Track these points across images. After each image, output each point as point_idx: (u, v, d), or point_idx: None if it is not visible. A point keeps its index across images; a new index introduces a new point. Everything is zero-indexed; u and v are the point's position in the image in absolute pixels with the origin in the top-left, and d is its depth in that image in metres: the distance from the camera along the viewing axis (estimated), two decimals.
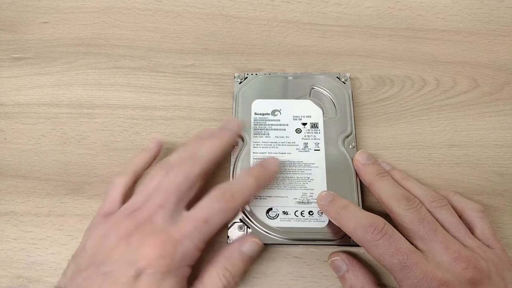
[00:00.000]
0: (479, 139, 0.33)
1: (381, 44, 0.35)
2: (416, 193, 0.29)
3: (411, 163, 0.32)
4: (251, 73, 0.34)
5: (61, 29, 0.37)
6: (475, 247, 0.26)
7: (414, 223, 0.26)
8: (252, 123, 0.32)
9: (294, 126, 0.32)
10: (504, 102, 0.34)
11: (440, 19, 0.36)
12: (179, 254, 0.24)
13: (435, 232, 0.26)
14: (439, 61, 0.35)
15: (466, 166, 0.32)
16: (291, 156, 0.31)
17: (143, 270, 0.23)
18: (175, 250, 0.24)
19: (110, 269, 0.24)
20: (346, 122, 0.32)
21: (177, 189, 0.26)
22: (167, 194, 0.26)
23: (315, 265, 0.30)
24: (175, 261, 0.24)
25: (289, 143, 0.31)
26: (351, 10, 0.37)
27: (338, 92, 0.33)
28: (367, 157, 0.30)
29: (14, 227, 0.31)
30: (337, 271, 0.29)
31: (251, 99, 0.33)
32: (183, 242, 0.24)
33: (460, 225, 0.27)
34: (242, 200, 0.26)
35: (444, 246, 0.25)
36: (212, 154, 0.28)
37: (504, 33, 0.35)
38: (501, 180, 0.32)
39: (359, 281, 0.27)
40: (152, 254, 0.24)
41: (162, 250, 0.24)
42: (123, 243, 0.24)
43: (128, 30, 0.37)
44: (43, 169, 0.33)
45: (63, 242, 0.31)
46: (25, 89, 0.36)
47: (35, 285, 0.30)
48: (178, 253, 0.24)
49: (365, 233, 0.25)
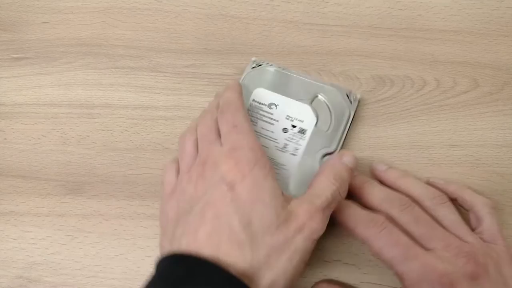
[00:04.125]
0: (479, 139, 0.33)
1: (381, 44, 0.35)
2: (415, 190, 0.29)
3: (411, 163, 0.32)
4: (267, 62, 0.34)
5: (61, 29, 0.37)
6: (476, 243, 0.26)
7: (411, 223, 0.26)
8: (247, 108, 0.32)
9: (283, 125, 0.32)
10: (504, 102, 0.34)
11: (440, 19, 0.36)
12: (256, 156, 0.25)
13: (433, 230, 0.26)
14: (439, 61, 0.35)
15: (466, 166, 0.32)
16: (266, 151, 0.31)
17: (233, 181, 0.24)
18: (252, 154, 0.25)
19: (202, 204, 0.24)
20: (334, 139, 0.31)
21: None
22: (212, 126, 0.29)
23: (315, 265, 0.30)
24: (259, 160, 0.25)
25: (271, 138, 0.32)
26: (351, 10, 0.37)
27: (341, 109, 0.32)
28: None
29: (14, 227, 0.32)
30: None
31: (255, 86, 0.33)
32: (254, 149, 0.26)
33: (460, 222, 0.27)
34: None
35: (445, 243, 0.25)
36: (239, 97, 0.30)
37: (504, 33, 0.35)
38: (501, 180, 0.32)
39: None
40: (227, 168, 0.25)
41: (232, 160, 0.25)
42: (200, 180, 0.26)
43: (128, 30, 0.37)
44: (43, 169, 0.33)
45: (63, 242, 0.31)
46: (25, 89, 0.36)
47: (35, 285, 0.30)
48: (255, 156, 0.25)
49: (366, 227, 0.26)
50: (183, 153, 0.29)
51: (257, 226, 0.23)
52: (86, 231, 0.31)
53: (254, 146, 0.26)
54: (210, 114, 0.30)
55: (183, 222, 0.25)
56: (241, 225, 0.23)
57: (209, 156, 0.26)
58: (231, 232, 0.23)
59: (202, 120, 0.30)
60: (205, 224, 0.24)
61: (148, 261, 0.31)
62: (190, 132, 0.30)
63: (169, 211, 0.27)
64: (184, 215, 0.25)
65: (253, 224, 0.23)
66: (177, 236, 0.25)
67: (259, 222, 0.23)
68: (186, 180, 0.27)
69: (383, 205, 0.27)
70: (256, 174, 0.25)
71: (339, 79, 0.35)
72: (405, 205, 0.27)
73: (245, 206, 0.24)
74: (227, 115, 0.28)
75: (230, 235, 0.23)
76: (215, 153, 0.26)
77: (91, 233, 0.31)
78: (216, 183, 0.25)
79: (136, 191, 0.32)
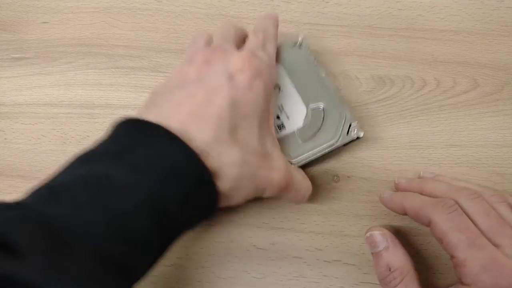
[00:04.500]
0: (479, 139, 0.33)
1: (381, 44, 0.35)
2: (472, 187, 0.28)
3: (411, 163, 0.32)
4: (309, 49, 0.33)
5: (61, 29, 0.37)
6: None
7: (480, 214, 0.25)
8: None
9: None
10: (504, 102, 0.34)
11: (440, 19, 0.36)
12: (270, 74, 0.27)
13: (503, 226, 0.25)
14: (439, 61, 0.35)
15: (466, 166, 0.32)
16: None
17: (234, 73, 0.25)
18: (268, 70, 0.26)
19: (198, 85, 0.24)
20: (301, 153, 0.30)
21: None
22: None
23: (315, 265, 0.30)
24: (263, 66, 0.26)
25: None
26: (351, 10, 0.36)
27: (331, 132, 0.30)
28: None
29: None
30: (374, 246, 0.27)
31: (279, 61, 0.32)
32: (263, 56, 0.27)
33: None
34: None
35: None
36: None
37: (504, 33, 0.35)
38: (501, 180, 0.32)
39: (398, 260, 0.26)
40: (239, 62, 0.25)
41: (247, 59, 0.25)
42: (204, 66, 0.26)
43: (128, 30, 0.37)
44: (43, 169, 0.33)
45: None
46: (25, 89, 0.36)
47: None
48: (269, 73, 0.26)
49: (433, 208, 0.25)
50: (192, 44, 0.29)
51: (240, 135, 0.24)
52: None
53: (272, 68, 0.27)
54: (234, 27, 0.30)
55: (169, 94, 0.25)
56: (227, 124, 0.23)
57: (222, 49, 0.26)
58: (216, 124, 0.23)
59: (223, 26, 0.30)
60: (192, 103, 0.23)
61: None
62: (206, 33, 0.29)
63: (160, 86, 0.27)
64: (174, 88, 0.25)
65: (238, 133, 0.24)
66: (157, 103, 0.25)
67: (243, 134, 0.24)
68: (189, 62, 0.26)
69: (449, 194, 0.26)
70: (263, 87, 0.25)
71: (339, 79, 0.35)
72: (474, 195, 0.26)
73: (239, 111, 0.24)
74: (259, 35, 0.29)
75: (214, 125, 0.23)
76: (229, 49, 0.27)
77: None
78: (220, 73, 0.25)
79: None
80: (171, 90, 0.25)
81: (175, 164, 0.21)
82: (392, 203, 0.29)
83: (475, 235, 0.23)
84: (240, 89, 0.24)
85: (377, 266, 0.27)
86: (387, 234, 0.28)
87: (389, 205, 0.29)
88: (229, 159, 0.23)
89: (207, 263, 0.31)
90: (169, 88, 0.25)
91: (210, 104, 0.23)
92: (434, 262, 0.30)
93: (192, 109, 0.23)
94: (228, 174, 0.23)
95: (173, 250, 0.31)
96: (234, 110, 0.23)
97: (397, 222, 0.31)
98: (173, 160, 0.21)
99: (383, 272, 0.26)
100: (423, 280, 0.28)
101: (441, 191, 0.27)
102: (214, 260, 0.31)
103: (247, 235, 0.31)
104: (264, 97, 0.26)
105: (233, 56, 0.26)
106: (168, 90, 0.25)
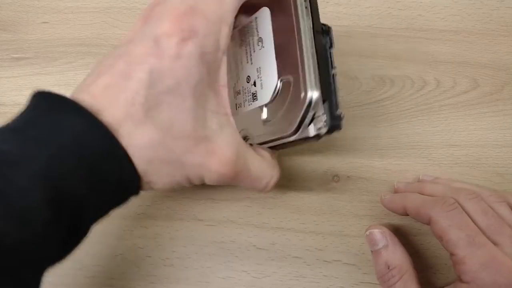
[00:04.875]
0: (479, 139, 0.33)
1: (381, 44, 0.35)
2: (471, 188, 0.28)
3: (411, 163, 0.32)
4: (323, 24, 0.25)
5: (61, 29, 0.37)
6: None
7: (478, 214, 0.25)
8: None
9: (250, 73, 0.26)
10: (504, 102, 0.34)
11: (440, 19, 0.36)
12: (201, 19, 0.21)
13: (502, 225, 0.25)
14: (439, 61, 0.35)
15: (466, 166, 0.32)
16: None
17: (160, 37, 0.20)
18: (196, 15, 0.21)
19: (120, 53, 0.21)
20: (260, 135, 0.25)
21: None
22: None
23: (315, 265, 0.30)
24: (201, 23, 0.21)
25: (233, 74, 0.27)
26: (351, 10, 0.36)
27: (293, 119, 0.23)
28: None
29: None
30: (373, 244, 0.28)
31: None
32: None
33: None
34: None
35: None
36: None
37: (504, 33, 0.35)
38: (501, 180, 0.32)
39: (397, 258, 0.26)
40: (167, 22, 0.21)
41: (177, 17, 0.21)
42: (137, 24, 0.22)
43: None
44: None
45: None
46: (25, 89, 0.36)
47: None
48: (200, 19, 0.21)
49: (433, 206, 0.25)
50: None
51: (162, 114, 0.20)
52: None
53: (223, 23, 0.21)
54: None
55: (100, 62, 0.22)
56: (144, 101, 0.20)
57: (160, 3, 0.22)
58: (129, 100, 0.20)
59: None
60: (110, 75, 0.21)
61: (148, 261, 0.31)
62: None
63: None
64: (106, 55, 0.22)
65: (159, 111, 0.20)
66: (90, 71, 0.22)
67: (167, 112, 0.20)
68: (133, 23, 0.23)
69: (448, 195, 0.26)
70: (199, 53, 0.20)
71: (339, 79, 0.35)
72: (472, 195, 0.26)
73: (162, 85, 0.20)
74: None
75: (127, 101, 0.20)
76: (168, 3, 0.22)
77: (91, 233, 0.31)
78: (147, 37, 0.21)
79: None
80: (104, 57, 0.22)
81: (78, 135, 0.19)
82: (392, 203, 0.29)
83: (474, 233, 0.24)
84: (165, 58, 0.20)
85: (376, 264, 0.27)
86: (387, 232, 0.28)
87: (390, 206, 0.29)
88: (140, 141, 0.20)
89: (207, 263, 0.31)
90: (107, 55, 0.22)
91: (127, 77, 0.20)
92: (435, 262, 0.30)
93: (108, 82, 0.20)
94: (139, 157, 0.20)
95: (173, 250, 0.31)
96: (154, 84, 0.20)
97: (397, 222, 0.31)
98: (77, 131, 0.19)
99: (381, 270, 0.26)
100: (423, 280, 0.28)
101: (440, 192, 0.27)
102: (214, 260, 0.31)
103: (247, 235, 0.31)
104: (200, 66, 0.21)
105: (167, 11, 0.21)
106: (104, 58, 0.22)
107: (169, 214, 0.32)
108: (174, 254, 0.31)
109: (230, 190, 0.32)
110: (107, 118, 0.20)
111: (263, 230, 0.31)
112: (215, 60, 0.22)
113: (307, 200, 0.32)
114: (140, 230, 0.31)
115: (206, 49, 0.21)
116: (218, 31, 0.21)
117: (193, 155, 0.21)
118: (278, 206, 0.32)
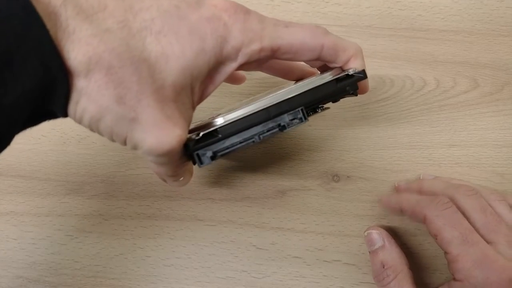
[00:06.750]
0: (479, 139, 0.33)
1: (381, 44, 0.35)
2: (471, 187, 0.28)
3: (411, 163, 0.32)
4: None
5: None
6: None
7: (476, 211, 0.25)
8: None
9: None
10: (504, 102, 0.34)
11: (440, 19, 0.36)
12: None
13: (499, 224, 0.25)
14: (439, 61, 0.35)
15: (466, 166, 0.32)
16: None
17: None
18: None
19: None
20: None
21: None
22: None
23: (315, 265, 0.30)
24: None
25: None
26: (351, 10, 0.36)
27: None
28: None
29: (14, 227, 0.31)
30: (370, 245, 0.28)
31: None
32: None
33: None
34: None
35: (509, 240, 0.24)
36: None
37: (504, 33, 0.35)
38: (501, 180, 0.32)
39: (392, 258, 0.27)
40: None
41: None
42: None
43: None
44: (43, 169, 0.33)
45: (63, 242, 0.31)
46: None
47: (35, 285, 0.30)
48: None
49: (427, 205, 0.25)
50: None
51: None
52: (86, 231, 0.31)
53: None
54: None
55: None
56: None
57: None
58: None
59: None
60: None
61: (148, 261, 0.31)
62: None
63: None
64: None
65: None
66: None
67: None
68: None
69: (447, 191, 0.27)
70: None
71: None
72: (472, 192, 0.26)
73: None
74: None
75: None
76: None
77: (91, 233, 0.31)
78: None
79: (136, 191, 0.32)
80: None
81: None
82: (389, 204, 0.29)
83: (468, 232, 0.24)
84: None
85: (372, 263, 0.28)
86: (383, 233, 0.28)
87: (387, 207, 0.29)
88: (91, 31, 0.18)
89: (207, 263, 0.31)
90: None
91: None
92: (433, 262, 0.30)
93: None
94: (80, 47, 0.18)
95: (173, 250, 0.31)
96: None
97: (397, 222, 0.31)
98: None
99: (377, 270, 0.27)
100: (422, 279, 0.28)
101: (439, 188, 0.28)
102: (214, 260, 0.31)
103: (247, 235, 0.31)
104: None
105: None
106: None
107: (169, 214, 0.32)
108: (174, 254, 0.31)
109: (230, 190, 0.32)
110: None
111: (263, 230, 0.31)
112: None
113: (307, 200, 0.32)
114: (140, 230, 0.31)
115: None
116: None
117: (131, 126, 0.20)
118: (278, 206, 0.32)
